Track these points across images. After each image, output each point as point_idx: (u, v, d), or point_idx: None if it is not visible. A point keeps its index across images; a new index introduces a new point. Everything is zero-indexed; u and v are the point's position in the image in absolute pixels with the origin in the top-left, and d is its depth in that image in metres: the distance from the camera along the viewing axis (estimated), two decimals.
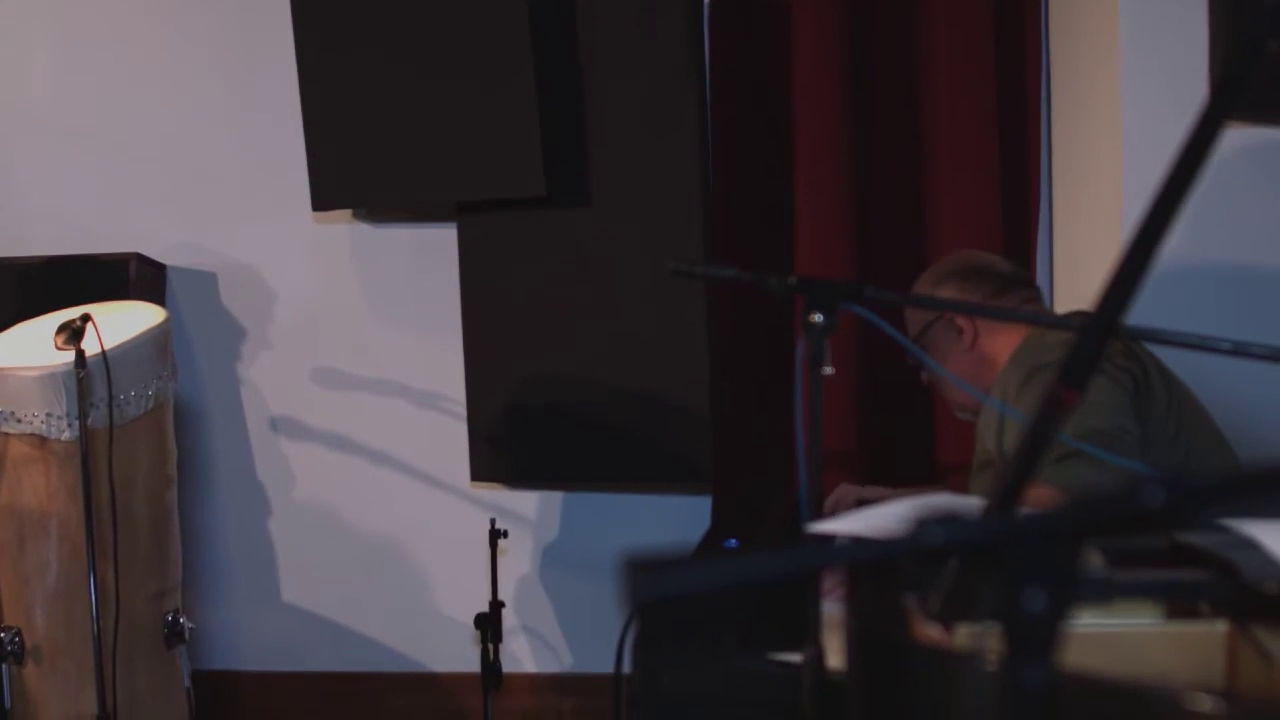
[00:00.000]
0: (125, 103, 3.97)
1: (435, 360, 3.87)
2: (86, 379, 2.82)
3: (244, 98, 3.93)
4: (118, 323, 3.01)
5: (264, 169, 3.92)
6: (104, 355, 2.86)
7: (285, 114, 3.75)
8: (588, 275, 3.65)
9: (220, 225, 3.96)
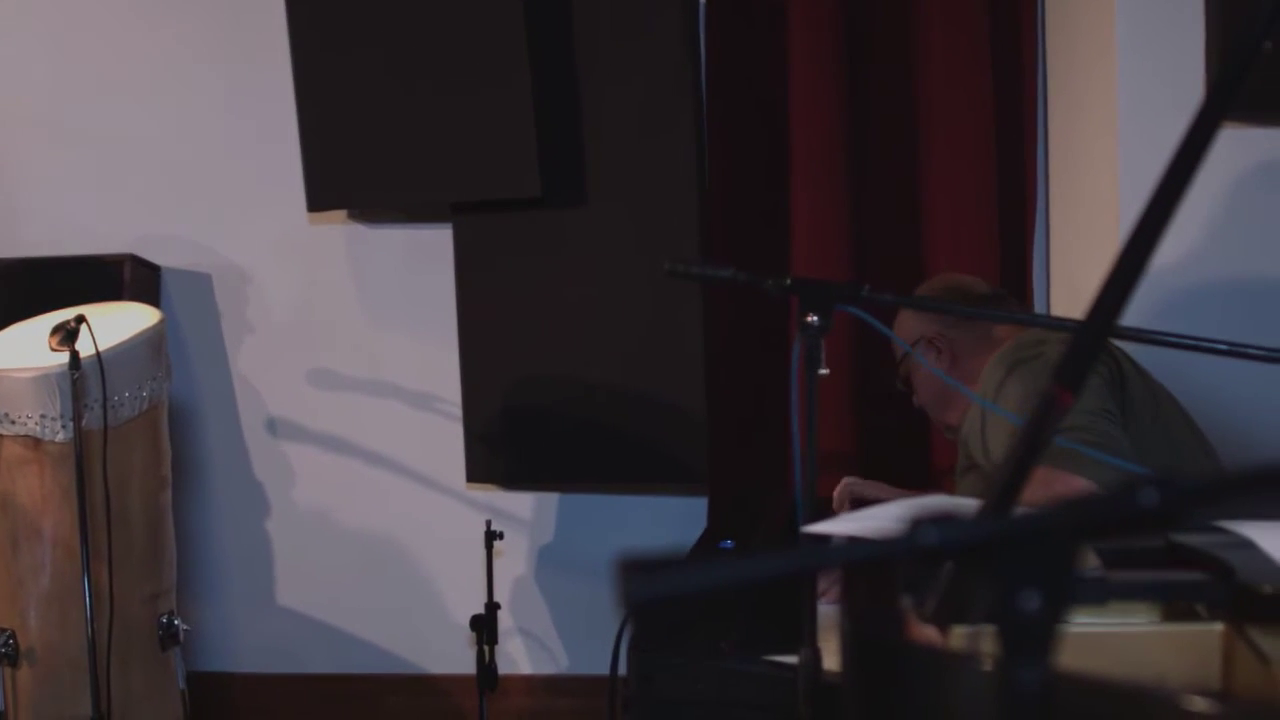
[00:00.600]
0: (120, 103, 3.96)
1: (431, 361, 3.87)
2: (81, 380, 2.82)
3: (239, 99, 3.93)
4: (112, 324, 3.00)
5: (259, 170, 3.91)
6: (98, 356, 2.85)
7: (280, 115, 3.75)
8: (583, 276, 3.64)
9: (215, 226, 3.96)
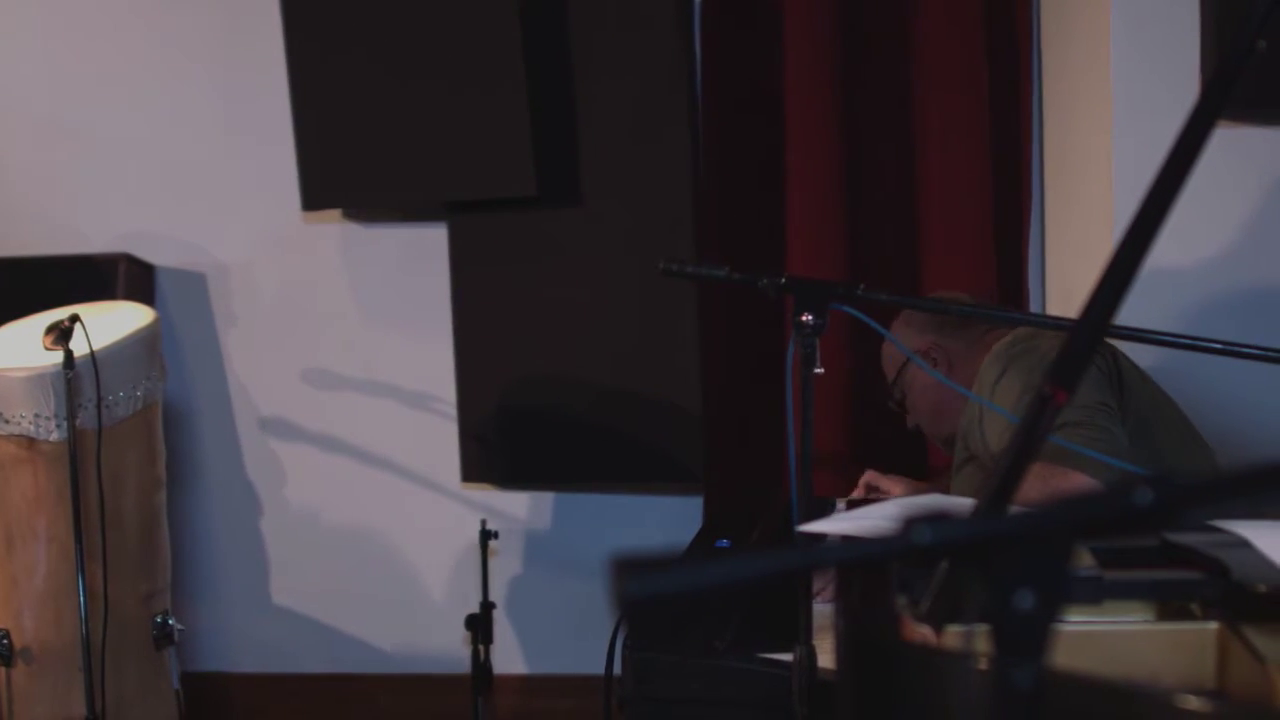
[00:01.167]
0: (115, 102, 3.95)
1: (426, 360, 3.86)
2: (75, 380, 2.81)
3: (234, 97, 3.92)
4: (106, 323, 2.99)
5: (254, 169, 3.91)
6: (92, 356, 2.84)
7: (275, 113, 3.74)
8: (579, 275, 3.64)
9: (210, 225, 3.95)
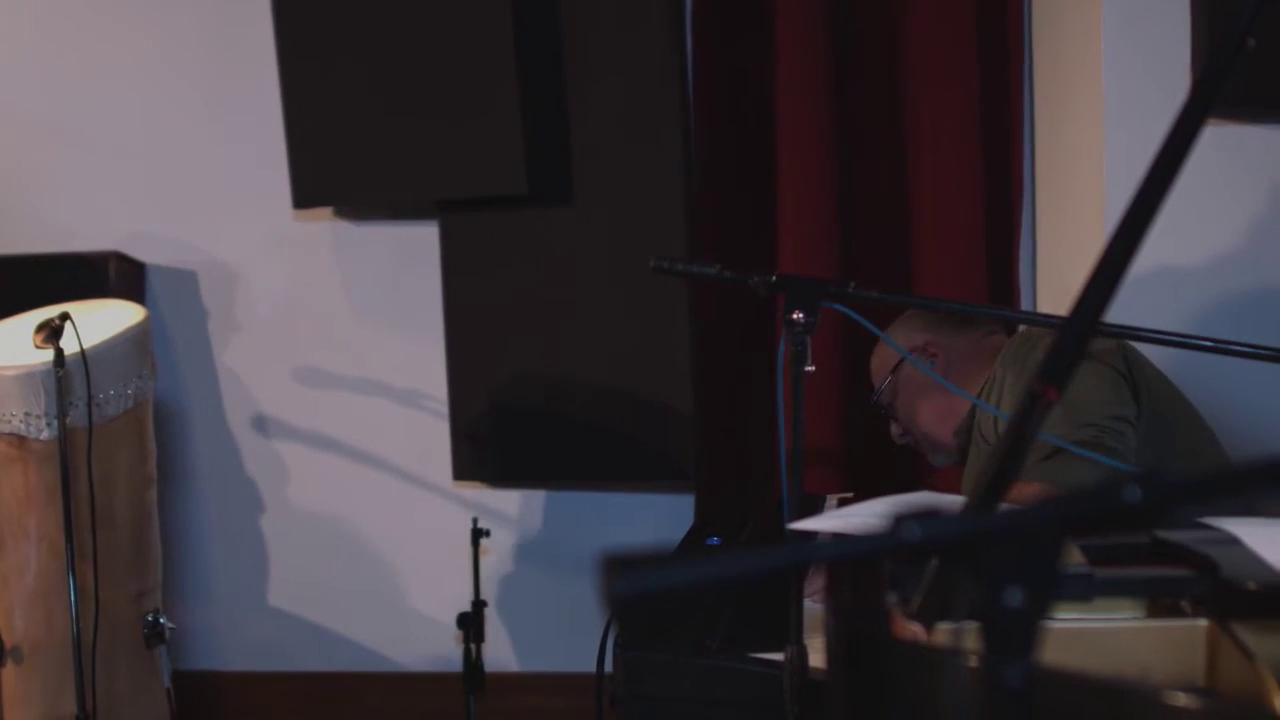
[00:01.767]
0: (105, 99, 3.94)
1: (417, 359, 3.86)
2: (65, 378, 2.80)
3: (225, 95, 3.91)
4: (97, 321, 2.99)
5: (245, 166, 3.90)
6: (83, 354, 2.84)
7: (266, 111, 3.73)
8: (570, 274, 3.64)
9: (201, 223, 3.94)
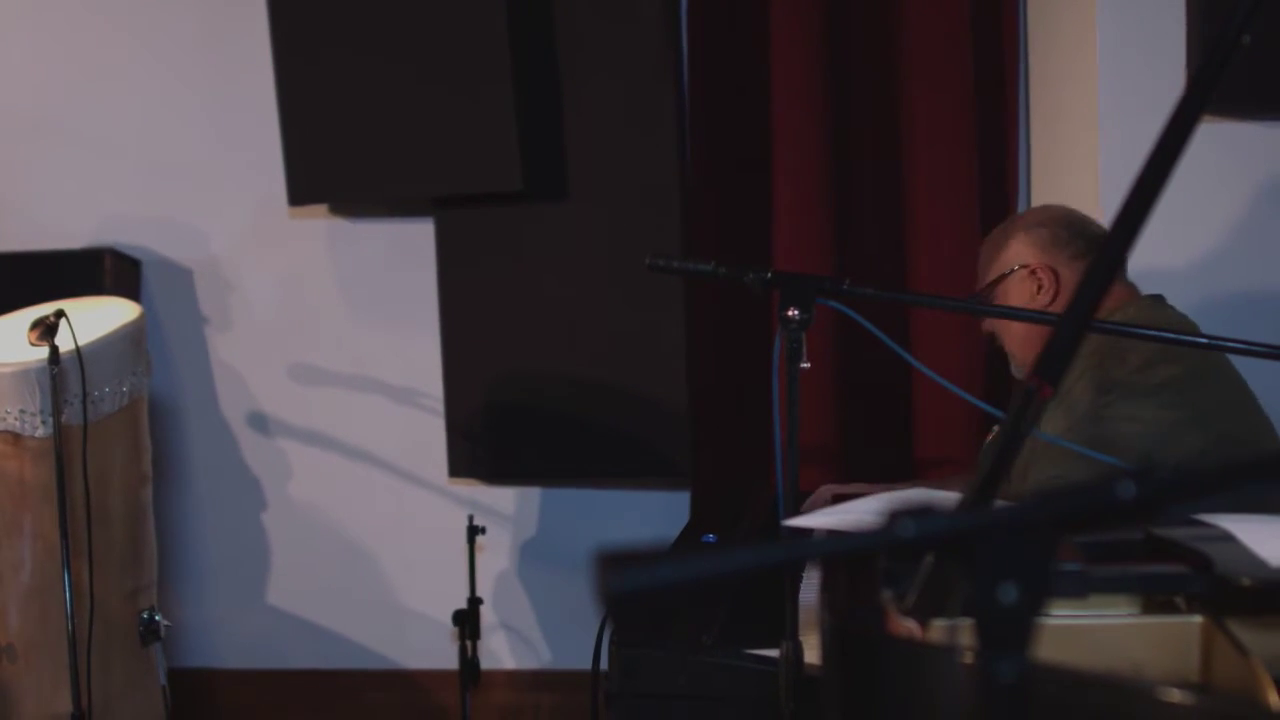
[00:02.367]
0: (99, 95, 3.94)
1: (413, 356, 3.85)
2: (60, 375, 2.80)
3: (220, 91, 3.91)
4: (92, 319, 2.98)
5: (240, 163, 3.89)
6: (78, 351, 2.83)
7: (262, 107, 3.73)
8: (566, 270, 3.64)
9: (196, 220, 3.94)
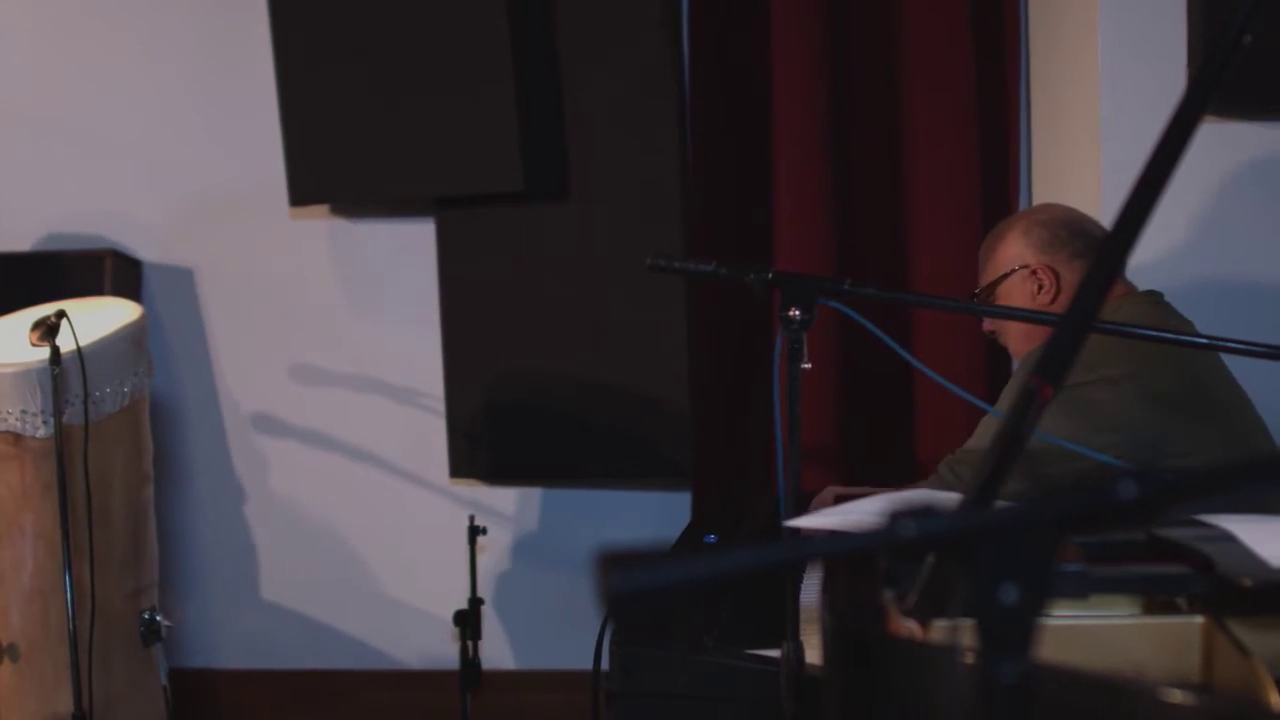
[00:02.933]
0: (100, 96, 3.93)
1: (414, 356, 3.85)
2: (61, 376, 2.80)
3: (220, 91, 3.90)
4: (93, 319, 2.98)
5: (241, 163, 3.89)
6: (79, 352, 2.83)
7: (263, 108, 3.73)
8: (567, 271, 3.64)
9: (197, 221, 3.94)
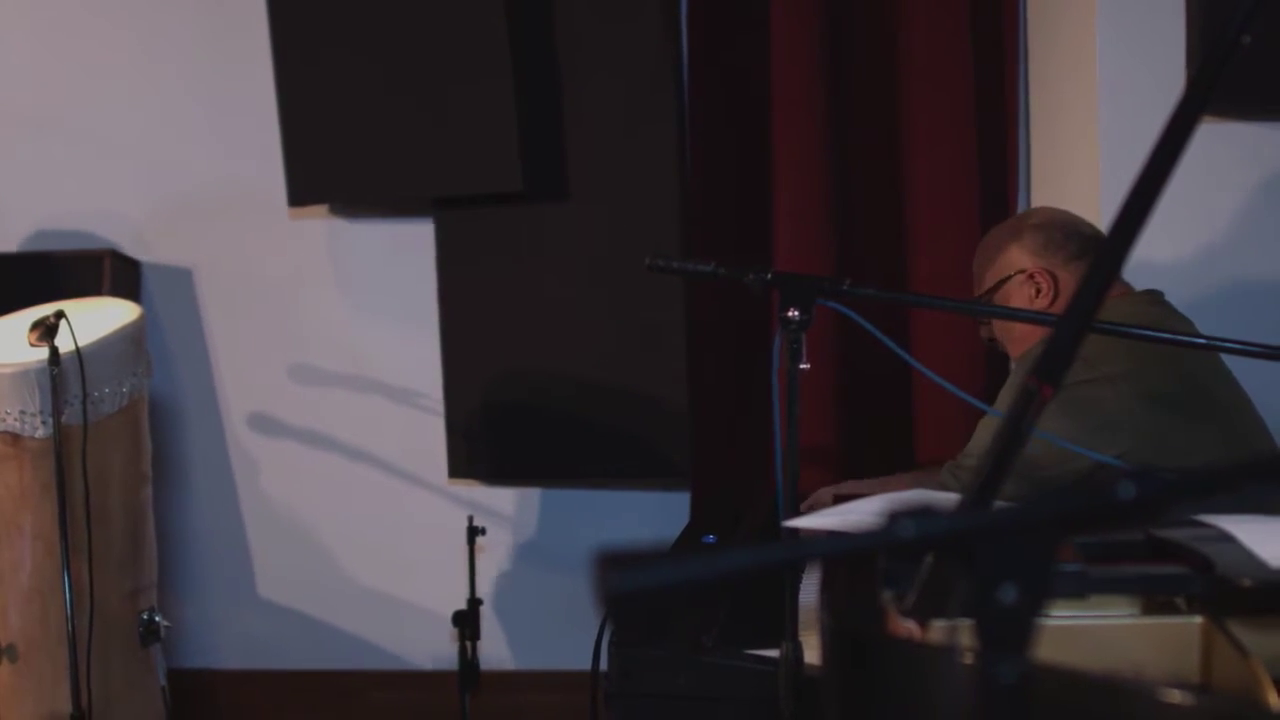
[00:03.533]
0: (99, 96, 3.93)
1: (412, 356, 3.85)
2: (60, 376, 2.80)
3: (220, 91, 3.90)
4: (92, 319, 2.98)
5: (240, 163, 3.89)
6: (78, 352, 2.83)
7: (262, 108, 3.73)
8: (565, 271, 3.64)
9: (196, 221, 3.94)
